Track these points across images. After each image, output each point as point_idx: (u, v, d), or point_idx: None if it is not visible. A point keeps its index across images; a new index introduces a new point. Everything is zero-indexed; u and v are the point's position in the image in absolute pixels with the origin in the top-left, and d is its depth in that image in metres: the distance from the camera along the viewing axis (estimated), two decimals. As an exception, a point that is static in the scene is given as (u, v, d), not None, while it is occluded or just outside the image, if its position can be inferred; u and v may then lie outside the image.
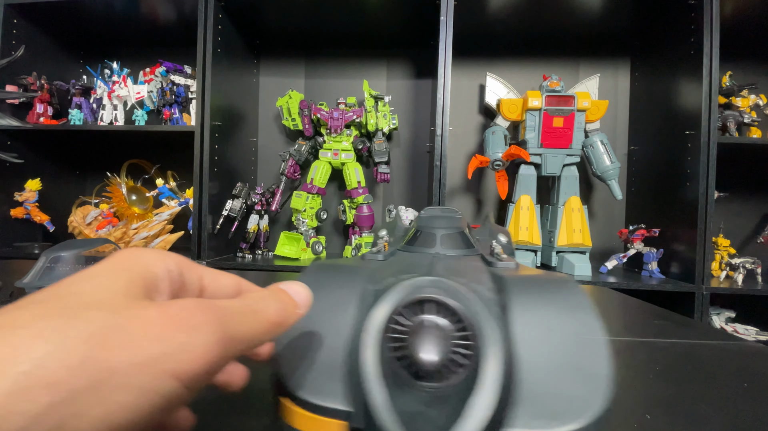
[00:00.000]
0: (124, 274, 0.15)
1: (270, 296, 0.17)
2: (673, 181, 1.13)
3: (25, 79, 1.26)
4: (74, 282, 0.14)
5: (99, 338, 0.12)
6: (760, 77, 1.28)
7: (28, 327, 0.12)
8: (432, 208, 0.48)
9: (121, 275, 0.15)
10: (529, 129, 1.17)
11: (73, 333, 0.12)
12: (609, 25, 1.26)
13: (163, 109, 1.30)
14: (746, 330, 1.15)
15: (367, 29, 1.34)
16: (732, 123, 1.17)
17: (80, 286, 0.14)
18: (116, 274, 0.15)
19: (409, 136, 1.44)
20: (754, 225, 1.33)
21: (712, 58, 1.03)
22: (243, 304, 0.16)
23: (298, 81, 1.47)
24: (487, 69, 1.33)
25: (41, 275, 0.59)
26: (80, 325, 0.12)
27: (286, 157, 1.33)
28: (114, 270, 0.15)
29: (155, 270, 0.16)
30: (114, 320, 0.12)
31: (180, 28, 1.34)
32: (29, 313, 0.12)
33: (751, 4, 1.09)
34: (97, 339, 0.12)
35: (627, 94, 1.37)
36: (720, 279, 1.15)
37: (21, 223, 1.31)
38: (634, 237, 1.16)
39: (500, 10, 1.20)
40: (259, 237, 1.32)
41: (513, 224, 1.18)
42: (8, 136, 1.25)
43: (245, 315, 0.15)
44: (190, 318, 0.13)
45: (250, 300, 0.16)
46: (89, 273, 0.15)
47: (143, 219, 1.36)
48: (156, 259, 0.16)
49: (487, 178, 1.41)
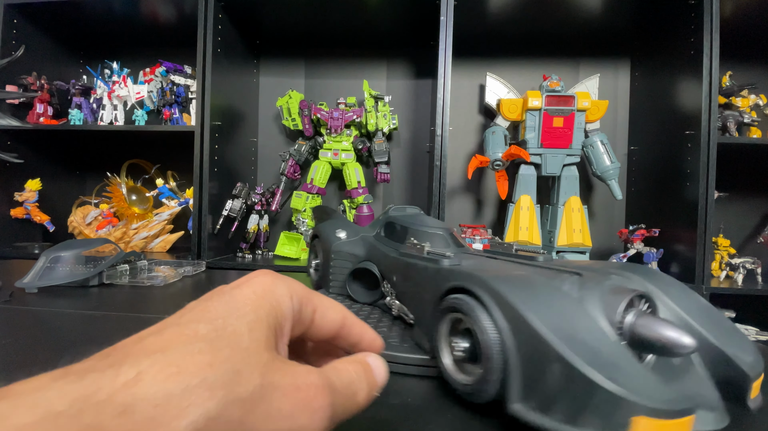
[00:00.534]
0: (266, 320, 0.16)
1: (362, 378, 0.18)
2: (673, 181, 1.13)
3: (25, 79, 1.26)
4: (226, 315, 0.16)
5: (250, 405, 0.14)
6: (760, 77, 1.28)
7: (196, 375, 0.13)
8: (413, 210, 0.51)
9: (264, 321, 0.16)
10: (529, 129, 1.17)
11: (233, 396, 0.13)
12: (609, 25, 1.26)
13: (163, 109, 1.30)
14: (746, 330, 1.15)
15: (367, 29, 1.34)
16: (732, 123, 1.16)
17: (232, 325, 0.15)
18: (260, 319, 0.16)
19: (409, 136, 1.44)
20: (754, 225, 1.33)
21: (712, 58, 1.03)
22: (346, 386, 0.17)
23: (298, 81, 1.47)
24: (487, 69, 1.33)
25: (41, 275, 0.59)
26: (239, 389, 0.13)
27: (286, 157, 1.33)
28: (258, 310, 0.16)
29: (285, 311, 0.18)
30: (262, 389, 0.14)
31: (180, 28, 1.34)
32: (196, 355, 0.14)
33: (751, 4, 1.09)
34: (249, 406, 0.14)
35: (627, 94, 1.37)
36: (720, 279, 1.15)
37: (21, 223, 1.31)
38: (634, 237, 1.16)
39: (500, 10, 1.20)
40: (259, 237, 1.32)
41: (513, 224, 1.18)
42: (8, 136, 1.25)
43: (346, 398, 0.17)
44: (313, 400, 0.15)
45: (348, 379, 0.18)
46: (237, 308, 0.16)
47: (143, 219, 1.36)
48: (287, 296, 0.18)
49: (487, 178, 1.41)
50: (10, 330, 0.41)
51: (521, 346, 0.22)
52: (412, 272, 0.35)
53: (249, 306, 0.16)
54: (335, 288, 0.49)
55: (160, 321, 0.16)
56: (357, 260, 0.48)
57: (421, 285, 0.33)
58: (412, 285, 0.35)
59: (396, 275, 0.39)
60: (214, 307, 0.16)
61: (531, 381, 0.22)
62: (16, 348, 0.36)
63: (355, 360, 0.19)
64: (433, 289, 0.30)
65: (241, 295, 0.17)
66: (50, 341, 0.38)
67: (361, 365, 0.19)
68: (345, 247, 0.49)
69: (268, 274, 0.19)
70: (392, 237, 0.46)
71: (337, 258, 0.49)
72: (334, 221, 0.56)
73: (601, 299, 0.25)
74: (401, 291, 0.38)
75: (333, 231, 0.51)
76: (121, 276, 0.66)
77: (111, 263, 0.63)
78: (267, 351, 0.15)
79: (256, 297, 0.17)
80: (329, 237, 0.51)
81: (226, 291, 0.17)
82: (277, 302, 0.17)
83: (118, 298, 0.55)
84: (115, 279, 0.64)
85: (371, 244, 0.48)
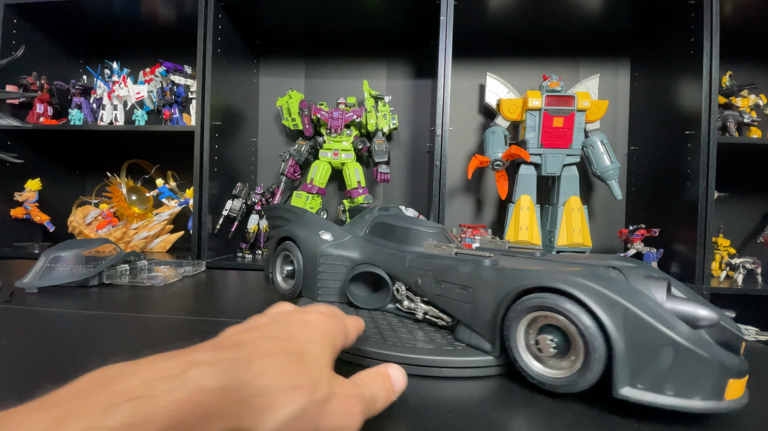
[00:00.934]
0: (329, 348, 0.23)
1: (382, 388, 0.23)
2: (673, 181, 1.13)
3: (25, 79, 1.26)
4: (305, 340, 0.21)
5: (322, 406, 0.19)
6: (760, 77, 1.28)
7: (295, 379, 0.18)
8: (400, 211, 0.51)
9: (328, 349, 0.22)
10: (529, 129, 1.17)
11: (313, 398, 0.18)
12: (609, 25, 1.26)
13: (163, 109, 1.30)
14: (746, 330, 1.15)
15: (367, 29, 1.34)
16: (732, 123, 1.16)
17: (310, 348, 0.21)
18: (325, 347, 0.22)
19: (409, 136, 1.44)
20: (754, 225, 1.33)
21: (712, 58, 1.03)
22: (370, 396, 0.22)
23: (298, 81, 1.47)
24: (487, 69, 1.33)
25: (41, 275, 0.59)
26: (317, 394, 0.19)
27: (286, 157, 1.33)
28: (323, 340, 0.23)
29: (337, 345, 0.24)
30: (328, 396, 0.19)
31: (180, 28, 1.34)
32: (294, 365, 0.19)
33: (751, 4, 1.09)
34: (321, 407, 0.19)
35: (627, 94, 1.37)
36: (720, 279, 1.15)
37: (21, 223, 1.31)
38: (634, 237, 1.16)
39: (500, 10, 1.20)
40: (259, 237, 1.32)
41: (513, 224, 1.18)
42: (8, 136, 1.25)
43: (370, 404, 0.22)
44: (354, 406, 0.20)
45: (372, 390, 0.22)
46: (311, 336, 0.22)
47: (143, 219, 1.36)
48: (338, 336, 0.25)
49: (487, 178, 1.41)
50: (10, 330, 0.41)
51: (627, 334, 0.25)
52: (452, 273, 0.35)
53: (318, 336, 0.23)
54: (325, 296, 0.45)
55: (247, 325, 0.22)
56: (352, 263, 0.45)
57: (475, 286, 0.33)
58: (454, 287, 0.35)
59: (420, 278, 0.38)
60: (295, 333, 0.22)
61: (639, 365, 0.24)
62: (16, 348, 0.36)
63: (378, 372, 0.24)
64: (498, 290, 0.31)
65: (313, 327, 0.23)
66: (50, 341, 0.38)
67: (382, 377, 0.24)
68: (335, 250, 0.45)
69: (323, 313, 0.25)
70: (390, 238, 0.45)
71: (327, 262, 0.45)
72: (309, 221, 0.50)
73: (647, 286, 0.29)
74: (435, 294, 0.37)
75: (315, 233, 0.47)
76: (121, 276, 0.66)
77: (111, 263, 0.63)
78: (329, 369, 0.21)
79: (322, 331, 0.23)
80: (311, 239, 0.46)
81: (300, 321, 0.23)
82: (334, 338, 0.24)
83: (118, 298, 0.55)
84: (115, 279, 0.64)
85: (365, 246, 0.45)
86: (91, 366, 0.16)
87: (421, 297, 0.39)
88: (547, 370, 0.28)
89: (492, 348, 0.31)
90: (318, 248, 0.45)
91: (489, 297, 0.32)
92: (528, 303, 0.29)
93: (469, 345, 0.33)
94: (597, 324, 0.26)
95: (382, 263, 0.43)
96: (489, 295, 0.32)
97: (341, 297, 0.45)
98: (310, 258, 0.46)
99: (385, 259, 0.43)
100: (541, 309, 0.28)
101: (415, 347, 0.33)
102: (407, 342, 0.34)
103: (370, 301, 0.44)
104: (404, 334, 0.36)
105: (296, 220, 0.52)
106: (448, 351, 0.32)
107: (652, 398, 0.24)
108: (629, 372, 0.25)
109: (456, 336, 0.35)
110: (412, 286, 0.39)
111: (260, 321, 0.23)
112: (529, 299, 0.29)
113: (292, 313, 0.24)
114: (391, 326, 0.38)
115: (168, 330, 0.42)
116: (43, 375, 0.30)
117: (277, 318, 0.23)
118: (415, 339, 0.35)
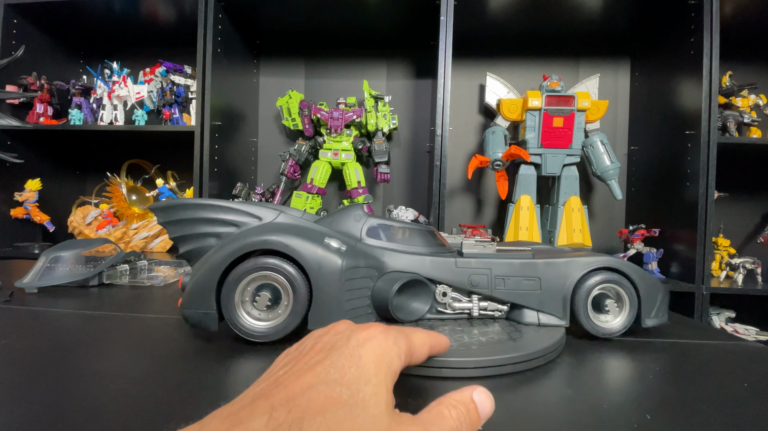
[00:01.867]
0: (384, 382, 0.20)
1: (465, 421, 0.20)
2: (673, 181, 1.13)
3: (25, 79, 1.26)
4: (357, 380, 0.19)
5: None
6: (760, 77, 1.28)
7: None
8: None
9: (383, 384, 0.19)
10: (529, 129, 1.17)
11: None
12: (609, 25, 1.26)
13: (163, 109, 1.30)
14: (746, 330, 1.15)
15: (367, 29, 1.34)
16: (732, 123, 1.16)
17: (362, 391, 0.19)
18: (380, 383, 0.19)
19: (409, 136, 1.44)
20: (754, 225, 1.33)
21: (712, 58, 1.03)
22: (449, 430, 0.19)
23: (298, 81, 1.47)
24: (487, 69, 1.33)
25: (41, 275, 0.59)
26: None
27: (286, 157, 1.33)
28: (378, 373, 0.20)
29: (396, 369, 0.21)
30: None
31: (180, 28, 1.34)
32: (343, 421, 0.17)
33: (751, 4, 1.09)
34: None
35: (627, 94, 1.37)
36: (720, 279, 1.15)
37: (21, 223, 1.31)
38: (634, 237, 1.16)
39: (500, 10, 1.20)
40: (259, 237, 1.32)
41: (513, 224, 1.18)
42: (8, 136, 1.25)
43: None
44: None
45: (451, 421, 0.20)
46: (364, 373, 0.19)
47: (143, 219, 1.36)
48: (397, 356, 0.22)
49: (487, 178, 1.41)
50: (10, 330, 0.41)
51: (649, 291, 0.42)
52: (519, 268, 0.42)
53: (372, 370, 0.20)
54: (353, 315, 0.37)
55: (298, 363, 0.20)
56: (380, 272, 0.40)
57: (543, 276, 0.41)
58: (520, 280, 0.42)
59: (477, 276, 0.42)
60: (348, 370, 0.19)
61: (651, 306, 0.42)
62: (16, 348, 0.36)
63: (460, 401, 0.21)
64: (563, 277, 0.41)
65: (367, 359, 0.20)
66: (50, 341, 0.38)
67: (465, 406, 0.21)
68: (355, 260, 0.38)
69: (381, 332, 0.22)
70: (408, 242, 0.43)
71: (355, 276, 0.38)
72: (294, 228, 0.39)
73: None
74: (497, 289, 0.41)
75: (319, 243, 0.37)
76: (121, 276, 0.66)
77: (111, 263, 0.63)
78: (387, 415, 0.18)
79: (376, 360, 0.20)
80: (319, 251, 0.37)
81: (353, 351, 0.20)
82: (391, 362, 0.21)
83: (118, 298, 0.55)
84: (115, 279, 0.64)
85: (380, 252, 0.41)
86: (91, 366, 0.16)
87: (477, 295, 0.42)
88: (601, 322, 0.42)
89: (562, 316, 0.41)
90: (338, 262, 0.37)
91: (556, 283, 0.41)
92: (590, 283, 0.41)
93: (519, 323, 0.41)
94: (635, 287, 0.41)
95: (415, 269, 0.41)
96: (555, 282, 0.41)
97: (369, 318, 0.39)
98: (325, 276, 0.37)
99: (419, 264, 0.41)
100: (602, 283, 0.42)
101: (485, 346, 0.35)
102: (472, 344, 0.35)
103: (413, 313, 0.41)
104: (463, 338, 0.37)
105: (259, 228, 0.39)
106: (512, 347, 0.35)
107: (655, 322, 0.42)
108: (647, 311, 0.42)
109: (516, 319, 0.42)
110: (466, 286, 0.41)
111: (315, 347, 0.21)
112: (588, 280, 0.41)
113: (345, 336, 0.21)
114: (456, 329, 0.39)
115: (168, 330, 0.42)
116: (43, 375, 0.30)
117: (332, 343, 0.21)
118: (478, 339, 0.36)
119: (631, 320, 0.41)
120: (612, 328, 0.41)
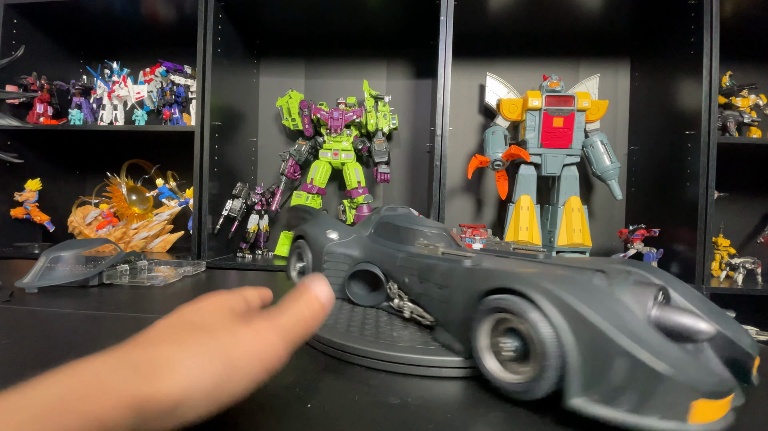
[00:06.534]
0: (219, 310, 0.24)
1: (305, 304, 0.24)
2: (673, 181, 1.13)
3: (25, 79, 1.26)
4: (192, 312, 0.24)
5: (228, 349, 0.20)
6: (760, 77, 1.28)
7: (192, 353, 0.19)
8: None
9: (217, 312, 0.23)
10: (529, 129, 1.17)
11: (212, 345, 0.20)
12: (609, 25, 1.26)
13: (163, 109, 1.30)
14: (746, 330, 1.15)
15: (367, 29, 1.34)
16: (732, 123, 1.16)
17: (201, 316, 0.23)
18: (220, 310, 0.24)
19: (409, 136, 1.44)
20: (754, 225, 1.33)
21: (712, 58, 1.03)
22: (290, 319, 0.23)
23: (298, 81, 1.47)
24: (487, 69, 1.33)
25: (41, 275, 0.59)
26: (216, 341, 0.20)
27: (286, 157, 1.33)
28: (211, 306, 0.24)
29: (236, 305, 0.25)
30: (233, 338, 0.21)
31: (180, 28, 1.33)
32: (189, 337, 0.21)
33: (751, 4, 1.09)
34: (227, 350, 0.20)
35: (627, 94, 1.37)
36: (720, 279, 1.15)
37: (21, 223, 1.31)
38: (634, 237, 1.16)
39: (500, 10, 1.20)
40: (259, 237, 1.32)
41: (513, 224, 1.18)
42: (8, 136, 1.25)
43: (293, 325, 0.23)
44: (270, 337, 0.22)
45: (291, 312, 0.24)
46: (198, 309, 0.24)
47: (143, 219, 1.36)
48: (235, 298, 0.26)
49: (487, 178, 1.41)
50: (10, 330, 0.41)
51: (582, 343, 0.23)
52: (433, 273, 0.35)
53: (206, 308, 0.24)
54: None
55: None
56: (354, 261, 0.46)
57: (448, 286, 0.33)
58: (434, 287, 0.35)
59: (408, 276, 0.39)
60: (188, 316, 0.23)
61: (593, 376, 0.22)
62: (16, 348, 0.36)
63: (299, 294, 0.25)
64: (467, 290, 0.30)
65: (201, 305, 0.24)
66: (50, 341, 0.38)
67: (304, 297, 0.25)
68: (339, 248, 0.48)
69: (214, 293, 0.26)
70: (390, 237, 0.45)
71: (331, 260, 0.47)
72: (321, 221, 0.53)
73: (631, 293, 0.27)
74: (418, 293, 0.37)
75: (322, 232, 0.50)
76: (121, 276, 0.66)
77: (111, 263, 0.63)
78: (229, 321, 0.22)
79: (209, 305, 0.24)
80: (319, 238, 0.49)
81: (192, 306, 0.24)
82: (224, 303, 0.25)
83: (118, 298, 0.55)
84: (115, 279, 0.64)
85: (367, 245, 0.47)
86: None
87: (408, 295, 0.39)
88: (507, 375, 0.27)
89: (460, 349, 0.31)
90: (324, 246, 0.48)
91: (459, 297, 0.31)
92: (488, 304, 0.28)
93: (443, 346, 0.33)
94: (554, 329, 0.24)
95: (379, 262, 0.44)
96: (459, 296, 0.31)
97: (342, 294, 0.47)
98: (316, 255, 0.49)
99: (381, 258, 0.43)
100: (501, 311, 0.27)
101: (390, 344, 0.33)
102: (383, 338, 0.34)
103: (368, 299, 0.45)
104: (386, 331, 0.36)
105: (311, 220, 0.56)
106: (422, 350, 0.32)
107: (603, 411, 0.22)
108: (582, 382, 0.23)
109: (433, 335, 0.35)
110: (401, 285, 0.40)
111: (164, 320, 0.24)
112: (488, 300, 0.28)
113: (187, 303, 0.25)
114: (377, 323, 0.39)
115: (168, 330, 0.42)
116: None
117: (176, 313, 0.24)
118: (392, 337, 0.35)
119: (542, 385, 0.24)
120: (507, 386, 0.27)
